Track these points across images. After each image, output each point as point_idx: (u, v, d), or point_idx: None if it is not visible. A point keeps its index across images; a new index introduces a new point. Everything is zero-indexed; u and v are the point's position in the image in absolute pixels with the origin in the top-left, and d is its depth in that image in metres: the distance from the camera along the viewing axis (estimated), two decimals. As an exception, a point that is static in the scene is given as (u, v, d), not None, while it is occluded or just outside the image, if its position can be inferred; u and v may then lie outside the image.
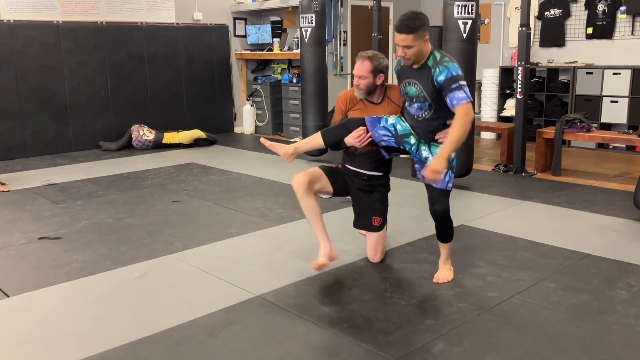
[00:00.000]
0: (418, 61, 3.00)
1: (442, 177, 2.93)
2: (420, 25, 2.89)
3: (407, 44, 2.91)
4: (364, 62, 3.28)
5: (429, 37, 2.96)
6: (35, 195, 5.38)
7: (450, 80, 2.88)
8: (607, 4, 7.53)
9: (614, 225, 4.28)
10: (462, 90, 2.86)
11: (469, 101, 2.86)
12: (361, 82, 3.31)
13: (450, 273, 3.31)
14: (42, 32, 7.28)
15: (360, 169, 3.45)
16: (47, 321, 2.88)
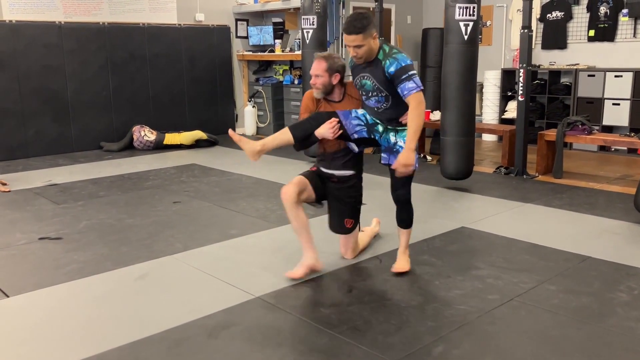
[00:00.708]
0: (370, 58, 3.12)
1: (412, 168, 3.08)
2: (366, 25, 3.02)
3: (357, 44, 3.04)
4: (320, 61, 3.32)
5: (376, 34, 3.09)
6: (37, 196, 5.39)
7: (400, 71, 3.01)
8: (609, 6, 7.53)
9: (615, 228, 4.27)
10: (412, 80, 3.00)
11: (419, 90, 3.00)
12: (317, 81, 3.33)
13: (407, 264, 3.41)
14: (44, 33, 7.30)
15: (330, 170, 3.49)
16: (47, 321, 2.88)
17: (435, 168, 6.40)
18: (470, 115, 5.37)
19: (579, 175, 6.07)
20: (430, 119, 7.17)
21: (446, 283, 3.29)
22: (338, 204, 3.57)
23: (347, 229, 3.58)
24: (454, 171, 5.45)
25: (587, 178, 5.96)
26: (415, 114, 3.01)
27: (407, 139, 3.07)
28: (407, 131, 3.07)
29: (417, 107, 3.00)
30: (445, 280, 3.33)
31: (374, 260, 3.67)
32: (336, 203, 3.58)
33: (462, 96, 5.27)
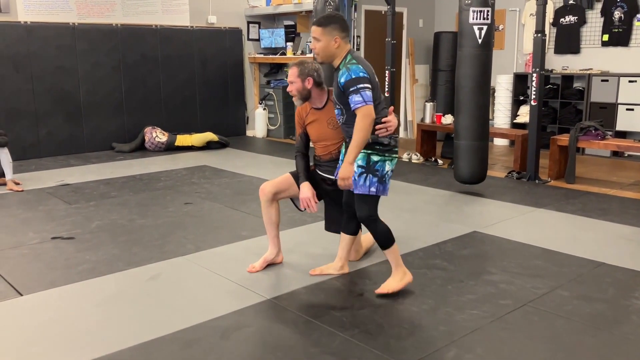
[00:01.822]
0: (327, 59, 3.09)
1: (351, 182, 3.01)
2: (328, 22, 3.03)
3: (315, 36, 3.06)
4: (292, 68, 3.38)
5: (341, 40, 3.04)
6: (49, 196, 5.42)
7: (349, 83, 2.92)
8: (624, 11, 7.47)
9: (629, 234, 4.23)
10: (360, 93, 2.89)
11: (364, 105, 2.88)
12: (292, 88, 3.37)
13: (395, 283, 3.15)
14: (58, 34, 7.35)
15: (324, 174, 3.52)
16: (59, 320, 2.89)
17: (447, 172, 6.37)
18: (484, 119, 5.35)
19: (592, 181, 6.02)
20: (441, 122, 7.15)
21: (458, 287, 3.26)
22: (334, 204, 3.57)
23: None
24: (467, 175, 5.42)
25: (600, 184, 5.91)
26: (358, 128, 2.90)
27: (348, 151, 2.98)
28: (350, 144, 2.97)
29: (361, 120, 2.89)
30: (457, 284, 3.31)
31: (384, 263, 3.64)
32: (332, 203, 3.60)
33: (476, 100, 5.24)
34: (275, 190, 3.48)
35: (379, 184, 3.05)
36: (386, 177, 3.08)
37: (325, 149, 3.45)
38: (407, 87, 9.40)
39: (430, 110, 7.35)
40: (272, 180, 3.54)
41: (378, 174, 3.04)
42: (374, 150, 3.03)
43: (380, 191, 3.08)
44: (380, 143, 3.04)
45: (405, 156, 7.24)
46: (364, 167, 3.03)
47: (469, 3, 5.07)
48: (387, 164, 3.08)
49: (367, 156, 3.03)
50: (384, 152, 3.05)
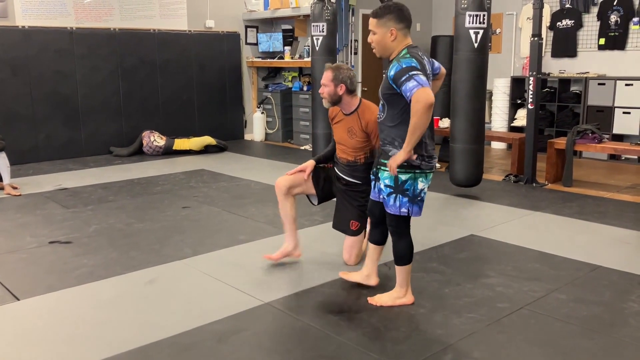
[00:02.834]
0: (384, 53, 2.92)
1: (395, 170, 2.79)
2: (385, 13, 2.84)
3: (371, 28, 2.90)
4: (327, 71, 3.44)
5: (398, 32, 2.84)
6: (47, 200, 5.42)
7: (400, 73, 2.71)
8: (620, 14, 7.51)
9: (626, 237, 4.24)
10: (412, 79, 2.66)
11: (420, 87, 2.63)
12: (324, 90, 3.44)
13: (390, 299, 3.05)
14: (56, 38, 7.36)
15: (341, 174, 3.64)
16: (57, 325, 2.89)
17: (444, 175, 6.38)
18: (480, 122, 5.36)
19: (589, 184, 6.04)
20: (439, 126, 7.17)
21: (455, 291, 3.27)
22: (346, 203, 3.64)
23: (353, 231, 3.61)
24: (463, 178, 5.44)
25: (597, 187, 5.93)
26: (412, 112, 2.67)
27: (406, 138, 2.75)
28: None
29: (414, 105, 2.64)
30: (454, 288, 3.32)
31: (381, 267, 3.65)
32: (344, 202, 3.65)
33: (471, 104, 5.26)
34: (290, 185, 3.60)
35: (410, 204, 2.87)
36: (421, 196, 2.88)
37: (342, 152, 3.60)
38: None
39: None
40: (287, 175, 3.65)
41: (409, 193, 2.85)
42: (401, 169, 2.82)
43: (414, 212, 2.90)
44: (407, 161, 2.80)
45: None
46: (392, 187, 2.86)
47: (465, 7, 5.09)
48: (420, 181, 2.86)
49: (395, 176, 2.85)
50: (413, 169, 2.84)
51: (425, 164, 2.86)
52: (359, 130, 3.46)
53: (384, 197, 2.93)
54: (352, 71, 3.47)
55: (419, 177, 2.86)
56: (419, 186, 2.87)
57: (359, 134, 3.46)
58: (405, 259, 3.02)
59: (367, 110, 3.46)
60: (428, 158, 2.87)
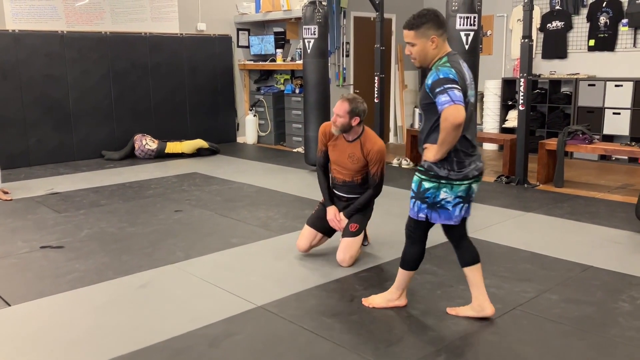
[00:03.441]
0: (426, 63, 2.78)
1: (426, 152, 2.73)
2: (422, 23, 2.70)
3: (408, 41, 2.76)
4: (344, 103, 3.56)
5: (438, 38, 2.71)
6: (38, 204, 5.40)
7: (436, 84, 2.61)
8: (609, 16, 7.56)
9: (617, 237, 4.27)
10: (446, 93, 2.56)
11: (451, 104, 2.54)
12: (338, 120, 3.59)
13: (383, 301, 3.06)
14: (46, 42, 7.33)
15: (341, 193, 3.85)
16: (49, 330, 2.88)
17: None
18: (471, 124, 5.38)
19: (580, 185, 6.07)
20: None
21: (448, 292, 3.28)
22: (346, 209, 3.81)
23: (351, 232, 3.69)
24: (455, 180, 5.45)
25: (588, 187, 5.96)
26: (441, 127, 2.59)
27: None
28: None
29: (442, 122, 2.57)
30: (447, 289, 3.33)
31: (375, 269, 3.66)
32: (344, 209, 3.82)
33: (463, 105, 5.28)
34: (309, 246, 3.84)
35: (429, 210, 2.80)
36: (441, 204, 2.79)
37: (339, 174, 3.77)
38: (396, 93, 9.44)
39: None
40: (302, 235, 3.85)
41: (428, 201, 2.78)
42: (427, 177, 2.76)
43: (432, 218, 2.82)
44: (434, 171, 2.73)
45: (395, 161, 7.27)
46: (414, 191, 2.83)
47: (456, 9, 5.11)
48: (443, 191, 2.76)
49: (419, 182, 2.80)
50: (438, 179, 2.74)
51: (454, 174, 2.72)
52: (362, 157, 3.65)
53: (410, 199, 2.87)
54: (365, 104, 3.66)
55: (443, 188, 2.75)
56: (441, 196, 2.77)
57: (361, 160, 3.66)
58: (410, 265, 2.97)
59: (369, 140, 3.66)
60: (458, 169, 2.72)
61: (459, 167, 2.73)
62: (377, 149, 3.62)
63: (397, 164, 7.21)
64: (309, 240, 3.83)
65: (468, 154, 2.74)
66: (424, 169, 2.78)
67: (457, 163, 2.72)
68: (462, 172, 2.73)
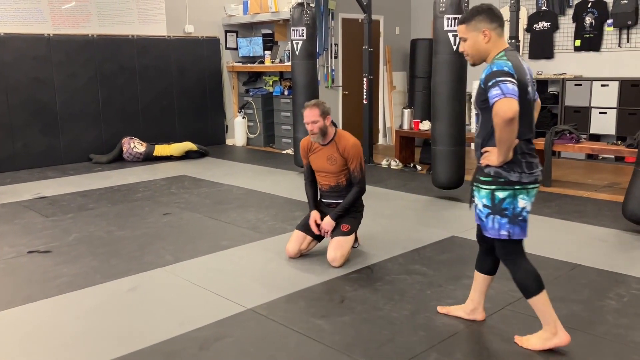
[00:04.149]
0: (479, 59, 2.62)
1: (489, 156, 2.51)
2: (473, 16, 2.55)
3: (461, 36, 2.62)
4: (312, 109, 3.70)
5: (492, 32, 2.54)
6: (25, 209, 5.35)
7: (489, 77, 2.43)
8: (595, 16, 7.63)
9: (604, 235, 4.31)
10: (498, 86, 2.37)
11: (502, 97, 2.35)
12: (315, 127, 3.70)
13: (539, 342, 2.62)
14: (33, 45, 7.27)
15: (330, 200, 3.90)
16: (37, 335, 2.85)
17: (426, 177, 6.42)
18: (461, 125, 5.41)
19: (568, 184, 6.12)
20: (419, 128, 7.22)
21: (438, 292, 3.29)
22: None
23: (343, 232, 3.73)
24: (445, 180, 5.47)
25: (576, 186, 6.01)
26: (494, 124, 2.41)
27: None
28: None
29: (493, 117, 2.39)
30: (436, 289, 3.34)
31: (365, 270, 3.67)
32: None
33: (452, 106, 5.30)
34: (298, 249, 3.84)
35: (510, 225, 2.53)
36: (522, 216, 2.53)
37: (324, 179, 3.85)
38: (385, 94, 9.46)
39: (408, 116, 7.41)
40: (291, 239, 3.87)
41: (507, 213, 2.52)
42: (498, 186, 2.52)
43: (515, 234, 2.55)
44: (504, 177, 2.50)
45: (385, 162, 7.28)
46: (489, 206, 2.55)
47: (443, 10, 5.13)
48: (521, 198, 2.51)
49: (491, 193, 2.53)
50: (512, 185, 2.50)
51: (525, 176, 2.50)
52: (339, 156, 3.73)
53: (482, 218, 2.60)
54: (325, 102, 3.83)
55: (519, 194, 2.51)
56: (520, 204, 2.52)
57: (339, 159, 3.74)
58: (531, 289, 2.58)
59: (342, 138, 3.77)
60: (529, 171, 2.51)
61: (530, 169, 2.51)
62: (352, 144, 3.74)
63: (387, 165, 7.22)
64: (297, 245, 3.85)
65: (534, 155, 2.55)
66: (491, 177, 2.52)
67: (526, 164, 2.51)
68: (534, 173, 2.52)
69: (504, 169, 2.49)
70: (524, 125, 2.48)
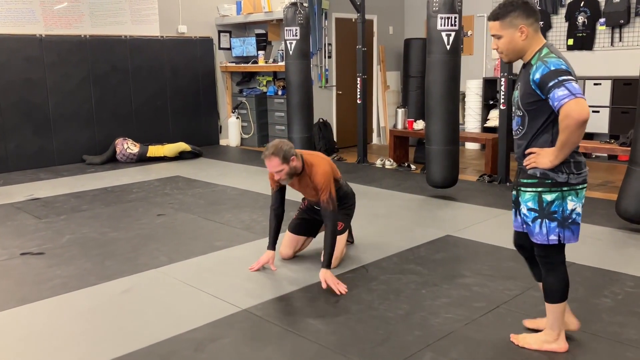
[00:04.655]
0: (515, 56, 2.50)
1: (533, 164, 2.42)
2: (507, 12, 2.42)
3: (494, 33, 2.49)
4: (271, 159, 3.34)
5: (528, 28, 2.41)
6: (18, 210, 5.32)
7: (548, 77, 2.30)
8: (587, 16, 7.66)
9: (598, 233, 4.32)
10: (564, 86, 2.25)
11: (572, 98, 2.23)
12: (281, 175, 3.40)
13: (537, 342, 2.61)
14: (24, 46, 7.23)
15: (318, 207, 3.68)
16: (30, 338, 2.83)
17: (420, 177, 6.43)
18: (454, 124, 5.42)
19: (561, 182, 6.13)
20: (413, 128, 7.22)
21: (432, 292, 3.29)
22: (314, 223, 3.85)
23: (338, 230, 3.65)
24: (439, 180, 5.48)
25: (569, 185, 6.01)
26: (561, 128, 2.29)
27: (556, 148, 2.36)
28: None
29: (563, 120, 2.27)
30: (431, 288, 3.34)
31: (359, 269, 3.67)
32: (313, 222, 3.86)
33: (445, 105, 5.31)
34: (293, 252, 3.83)
35: (560, 229, 2.42)
36: (572, 218, 2.43)
37: (308, 196, 3.75)
38: (378, 94, 9.47)
39: (402, 116, 7.42)
40: (284, 244, 3.82)
41: (556, 216, 2.41)
42: (545, 187, 2.41)
43: (565, 238, 2.45)
44: (551, 178, 2.40)
45: (379, 162, 7.29)
46: (536, 210, 2.44)
47: (437, 10, 5.14)
48: (570, 200, 2.41)
49: (538, 196, 2.42)
50: (560, 186, 2.39)
51: (574, 177, 2.39)
52: (313, 184, 3.48)
53: (528, 223, 2.48)
54: (284, 140, 3.44)
55: (568, 196, 2.41)
56: (569, 206, 2.41)
57: (314, 186, 3.48)
58: (558, 296, 2.52)
59: (312, 167, 3.47)
60: (577, 171, 2.40)
61: (578, 169, 2.41)
62: (321, 173, 3.43)
63: (381, 165, 7.23)
64: (291, 248, 3.82)
65: (580, 154, 2.45)
66: (537, 179, 2.42)
67: (575, 164, 2.40)
68: (582, 173, 2.42)
69: (551, 170, 2.39)
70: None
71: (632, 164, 4.31)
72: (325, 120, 8.57)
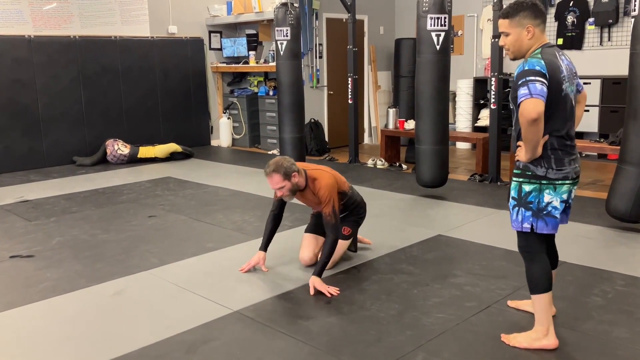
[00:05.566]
0: (520, 54, 2.61)
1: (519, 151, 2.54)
2: (517, 11, 2.55)
3: (503, 30, 2.61)
4: (273, 176, 3.33)
5: (535, 28, 2.54)
6: (7, 213, 5.27)
7: (520, 75, 2.45)
8: (576, 15, 7.70)
9: (588, 232, 4.35)
10: (527, 85, 2.39)
11: (528, 98, 2.37)
12: (283, 192, 3.37)
13: (527, 340, 2.64)
14: (13, 47, 7.18)
15: None
16: (20, 341, 2.81)
17: (411, 176, 6.44)
18: (444, 123, 5.43)
19: (552, 181, 6.16)
20: (404, 128, 7.24)
21: (424, 291, 3.30)
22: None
23: (344, 235, 3.68)
24: (429, 179, 5.49)
25: (560, 184, 6.05)
26: (520, 123, 2.44)
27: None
28: None
29: (519, 117, 2.43)
30: (423, 288, 3.34)
31: (351, 270, 3.67)
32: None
33: (435, 105, 5.32)
34: (313, 253, 3.68)
35: (534, 218, 2.55)
36: (547, 210, 2.54)
37: (314, 208, 3.72)
38: (370, 94, 9.48)
39: (393, 116, 7.43)
40: (303, 246, 3.72)
41: (532, 206, 2.55)
42: (525, 179, 2.55)
43: (538, 228, 2.56)
44: (531, 170, 2.54)
45: (370, 162, 7.29)
46: (515, 198, 2.59)
47: (427, 10, 5.15)
48: (547, 193, 2.53)
49: (519, 185, 2.57)
50: (538, 179, 2.53)
51: (552, 172, 2.51)
52: (317, 199, 3.47)
53: (510, 209, 2.64)
54: (285, 157, 3.43)
55: (545, 189, 2.53)
56: (545, 199, 2.53)
57: (318, 201, 3.47)
58: (540, 286, 2.60)
59: (315, 182, 3.45)
60: (557, 167, 2.52)
61: (558, 165, 2.52)
62: (323, 185, 3.41)
63: (372, 165, 7.23)
64: (312, 250, 3.67)
65: (567, 152, 2.55)
66: (520, 170, 2.58)
67: (555, 161, 2.52)
68: (563, 171, 2.53)
69: (533, 163, 2.54)
70: (558, 122, 2.52)
71: (622, 162, 4.34)
72: (316, 121, 8.57)
